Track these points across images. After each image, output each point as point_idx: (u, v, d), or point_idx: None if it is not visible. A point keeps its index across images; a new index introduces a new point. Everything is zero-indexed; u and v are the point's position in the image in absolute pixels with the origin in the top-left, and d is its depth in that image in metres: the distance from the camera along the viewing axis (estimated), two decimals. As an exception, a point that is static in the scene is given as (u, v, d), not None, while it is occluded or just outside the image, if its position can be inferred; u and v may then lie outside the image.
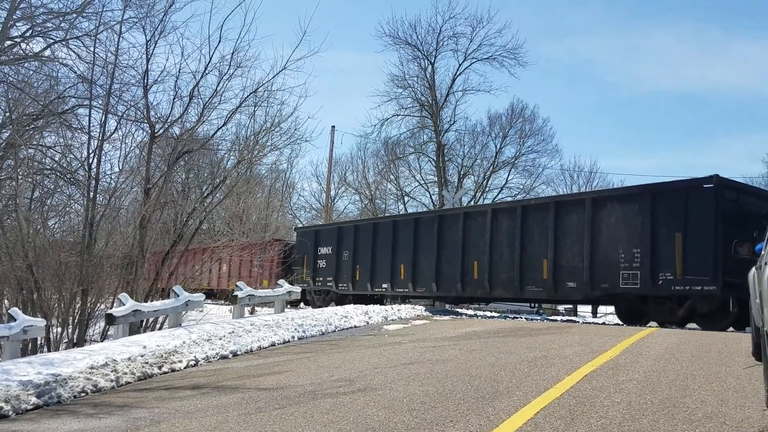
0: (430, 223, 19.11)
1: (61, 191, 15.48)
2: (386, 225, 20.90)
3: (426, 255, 18.69)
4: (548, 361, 7.82)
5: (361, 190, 43.92)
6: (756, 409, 5.28)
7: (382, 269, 20.21)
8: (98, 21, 14.19)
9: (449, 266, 17.87)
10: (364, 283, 20.86)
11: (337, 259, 21.95)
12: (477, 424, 4.98)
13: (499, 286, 16.68)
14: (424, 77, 39.16)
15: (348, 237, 21.93)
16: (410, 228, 19.52)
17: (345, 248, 21.87)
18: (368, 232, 21.18)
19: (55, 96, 15.04)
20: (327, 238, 22.91)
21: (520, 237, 16.20)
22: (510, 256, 16.39)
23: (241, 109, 16.00)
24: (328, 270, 22.41)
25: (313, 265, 22.95)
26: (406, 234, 19.58)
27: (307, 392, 6.52)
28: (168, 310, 12.48)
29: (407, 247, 19.31)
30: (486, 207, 18.75)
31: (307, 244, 23.59)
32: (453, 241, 17.88)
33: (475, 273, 17.17)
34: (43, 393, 6.82)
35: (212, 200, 17.13)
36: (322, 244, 22.95)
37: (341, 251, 22.02)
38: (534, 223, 16.06)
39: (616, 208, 14.57)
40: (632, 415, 5.13)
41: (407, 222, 20.21)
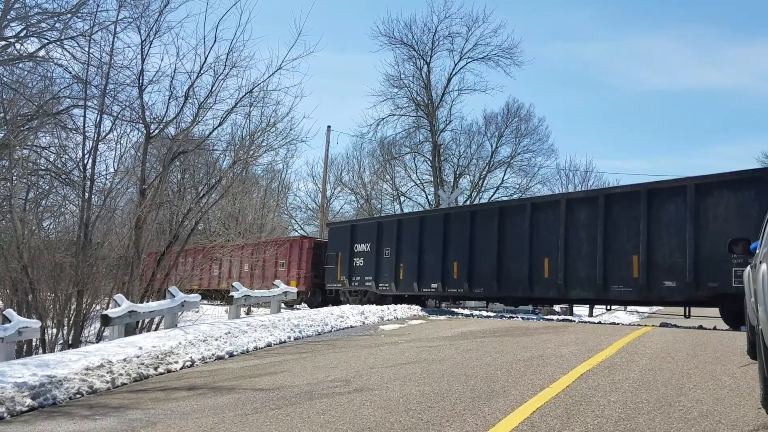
0: (490, 216, 17.37)
1: (56, 192, 15.43)
2: (435, 219, 19.14)
3: (485, 251, 16.98)
4: (544, 360, 7.82)
5: (357, 190, 43.94)
6: (751, 407, 5.30)
7: (431, 268, 18.47)
8: (93, 21, 14.15)
9: (513, 264, 16.27)
10: (410, 283, 19.14)
11: (377, 257, 20.25)
12: (473, 423, 4.98)
13: (577, 285, 14.97)
14: (420, 77, 39.20)
15: (390, 233, 20.18)
16: (465, 222, 17.79)
17: (386, 245, 20.15)
18: (414, 227, 19.40)
19: (50, 96, 14.98)
20: (365, 234, 21.13)
21: (602, 230, 14.50)
22: (590, 252, 14.73)
23: (237, 109, 16.01)
24: (366, 269, 20.71)
25: (349, 264, 21.30)
26: (460, 228, 17.86)
27: (303, 392, 6.51)
28: (164, 311, 12.47)
29: (461, 243, 17.62)
30: (559, 197, 16.53)
31: (341, 241, 21.93)
32: (518, 235, 16.25)
33: (545, 271, 15.57)
34: (38, 395, 6.80)
35: (208, 201, 17.09)
36: (360, 240, 21.18)
37: (382, 248, 20.30)
38: (620, 214, 14.30)
39: (726, 196, 12.82)
40: (628, 414, 5.14)
41: (461, 215, 18.35)
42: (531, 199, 17.14)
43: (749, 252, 6.71)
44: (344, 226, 23.05)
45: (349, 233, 21.64)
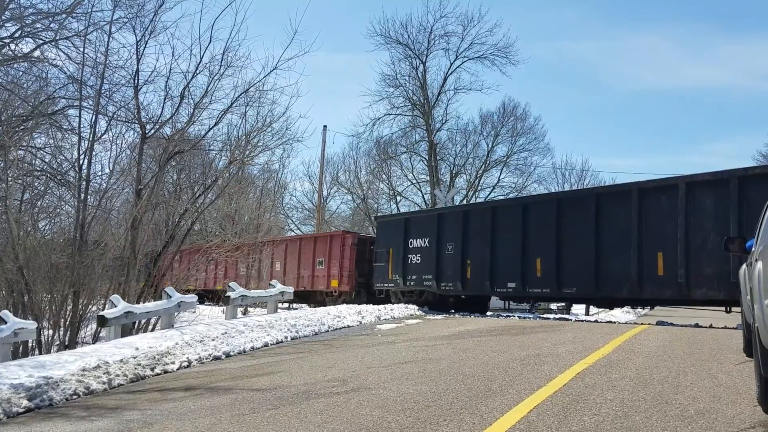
0: (583, 204, 15.32)
1: (52, 193, 15.39)
2: (511, 209, 17.13)
3: (577, 245, 14.97)
4: (541, 359, 7.83)
5: (353, 190, 43.91)
6: (748, 405, 5.31)
7: (507, 265, 16.51)
8: (88, 21, 14.13)
9: (616, 259, 14.18)
10: (480, 282, 17.24)
11: (438, 253, 18.26)
12: (470, 422, 4.98)
13: (703, 284, 12.79)
14: (416, 76, 39.24)
15: (453, 226, 18.17)
16: (550, 211, 15.80)
17: (449, 239, 18.12)
18: (484, 219, 17.40)
19: (45, 97, 14.95)
20: (422, 228, 19.16)
21: (736, 218, 12.34)
22: (721, 245, 11.68)
23: (233, 109, 16.00)
24: (424, 266, 18.74)
25: (403, 261, 19.31)
26: (544, 219, 15.86)
27: (300, 392, 6.50)
28: (160, 312, 12.44)
29: (546, 236, 15.64)
30: (677, 180, 13.87)
31: (392, 236, 19.99)
32: (620, 226, 14.16)
33: (659, 267, 13.44)
34: (34, 396, 6.78)
35: (204, 201, 17.08)
36: (415, 234, 19.25)
37: (443, 243, 18.28)
38: (759, 199, 11.00)
39: None
40: (625, 412, 5.15)
41: (545, 204, 16.34)
42: (638, 183, 14.67)
43: (745, 250, 6.72)
44: (396, 220, 21.08)
45: (402, 227, 19.73)
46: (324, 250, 23.24)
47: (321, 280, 23.11)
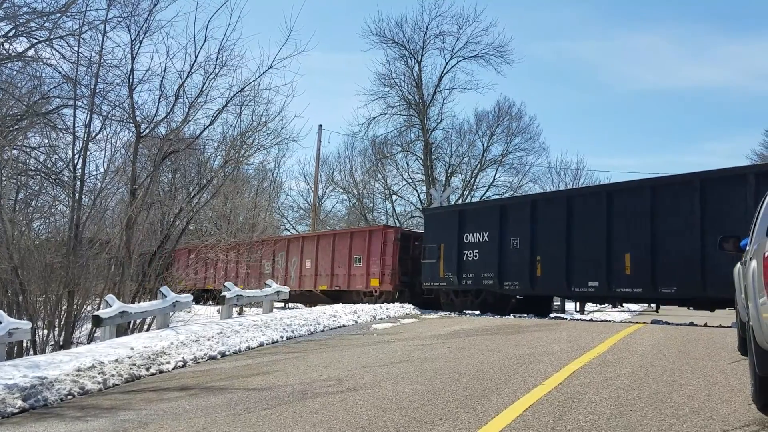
0: (685, 190, 13.45)
1: (46, 192, 15.33)
2: (592, 198, 15.27)
3: (677, 238, 13.24)
4: (536, 358, 7.84)
5: (348, 189, 43.88)
6: (742, 403, 5.33)
7: (587, 261, 14.77)
8: (82, 20, 14.06)
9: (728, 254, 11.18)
10: (553, 281, 15.61)
11: (501, 249, 16.73)
12: (466, 421, 4.99)
13: None
14: (411, 76, 39.23)
15: (519, 218, 16.59)
16: (643, 200, 13.98)
17: (513, 233, 16.56)
18: (557, 210, 15.74)
19: (40, 96, 14.89)
20: (480, 221, 17.59)
21: None
22: None
23: (228, 108, 15.99)
24: (484, 263, 17.18)
25: (457, 257, 17.79)
26: (633, 209, 14.12)
27: (296, 392, 6.50)
28: (155, 311, 12.43)
29: (637, 227, 13.94)
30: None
31: (444, 230, 18.38)
32: (735, 215, 12.13)
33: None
34: (29, 396, 6.76)
35: (199, 200, 17.06)
36: (472, 228, 17.67)
37: (506, 237, 16.72)
38: None
39: None
40: (620, 411, 5.16)
41: (635, 191, 14.36)
42: (755, 167, 12.79)
43: (740, 249, 6.75)
44: (448, 212, 19.33)
45: (457, 220, 18.13)
46: (362, 246, 21.26)
47: (359, 279, 21.24)
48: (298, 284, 23.33)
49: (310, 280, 23.09)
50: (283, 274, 23.97)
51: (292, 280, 23.67)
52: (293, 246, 24.41)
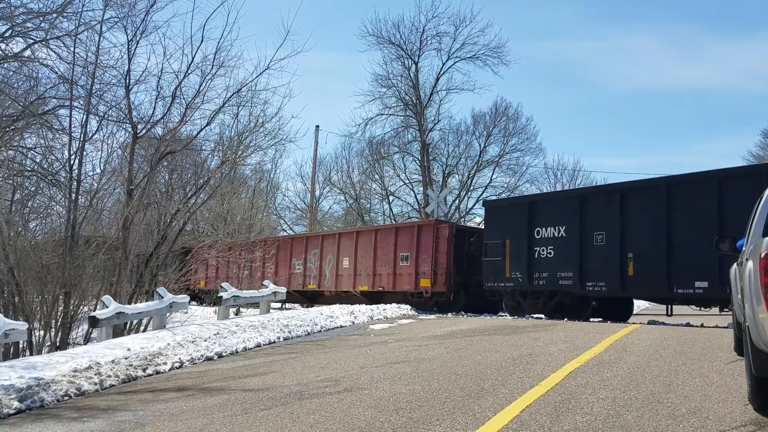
0: None
1: (43, 193, 15.31)
2: (698, 188, 13.59)
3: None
4: (533, 358, 7.85)
5: (345, 190, 43.87)
6: (738, 403, 5.34)
7: (692, 258, 13.07)
8: (78, 21, 14.02)
9: None
10: (649, 281, 14.04)
11: (582, 245, 15.20)
12: (463, 422, 4.99)
13: None
14: (408, 76, 39.25)
15: (604, 209, 14.93)
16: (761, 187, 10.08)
17: (597, 226, 14.84)
18: (655, 201, 14.13)
19: (36, 97, 14.85)
20: (555, 213, 16.06)
21: None
22: None
23: (225, 109, 15.97)
24: (560, 261, 15.66)
25: (527, 255, 16.29)
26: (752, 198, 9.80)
27: (293, 393, 6.50)
28: (152, 312, 12.41)
29: None
30: None
31: (510, 224, 16.86)
32: None
33: None
34: (25, 397, 6.75)
35: (196, 201, 17.02)
36: (545, 221, 16.13)
37: (588, 231, 15.06)
38: None
39: None
40: (617, 411, 5.17)
41: (753, 177, 12.69)
42: None
43: (736, 249, 6.77)
44: (515, 204, 17.85)
45: (526, 213, 16.59)
46: (409, 243, 19.49)
47: (406, 278, 19.44)
48: (334, 284, 21.77)
49: (348, 280, 21.36)
50: (317, 274, 22.45)
51: (327, 281, 22.17)
52: (328, 243, 22.59)
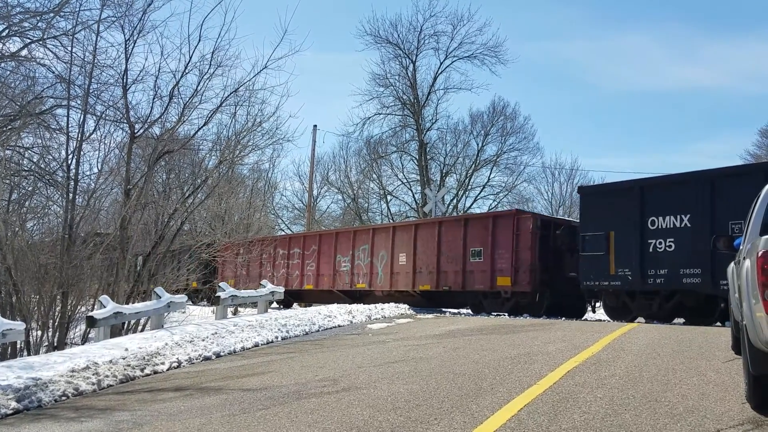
0: None
1: (40, 193, 15.29)
2: None
3: None
4: (531, 357, 7.86)
5: (343, 190, 43.87)
6: (736, 402, 5.35)
7: None
8: (76, 20, 14.04)
9: None
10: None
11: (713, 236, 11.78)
12: (461, 421, 4.99)
13: None
14: (406, 76, 39.26)
15: (741, 193, 12.13)
16: None
17: (733, 214, 12.44)
18: None
19: (33, 96, 14.84)
20: (675, 200, 13.86)
21: None
22: None
23: (222, 108, 15.97)
24: (684, 255, 13.54)
25: (639, 248, 14.16)
26: None
27: (291, 392, 6.50)
28: (150, 312, 12.40)
29: None
30: None
31: (615, 213, 14.70)
32: None
33: None
34: (23, 397, 6.74)
35: (194, 201, 17.02)
36: (661, 209, 13.99)
37: (722, 221, 12.89)
38: None
39: None
40: (615, 410, 5.17)
41: None
42: None
43: (733, 248, 6.78)
44: (623, 189, 15.23)
45: (637, 199, 14.41)
46: (483, 236, 17.26)
47: (478, 276, 17.22)
48: (388, 284, 19.49)
49: (406, 279, 19.10)
50: (367, 272, 20.16)
51: (379, 279, 19.84)
52: (381, 237, 20.21)
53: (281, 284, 20.90)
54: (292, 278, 22.74)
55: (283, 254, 23.26)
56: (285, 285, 21.19)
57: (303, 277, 22.38)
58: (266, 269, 23.29)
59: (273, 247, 23.22)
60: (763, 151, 40.65)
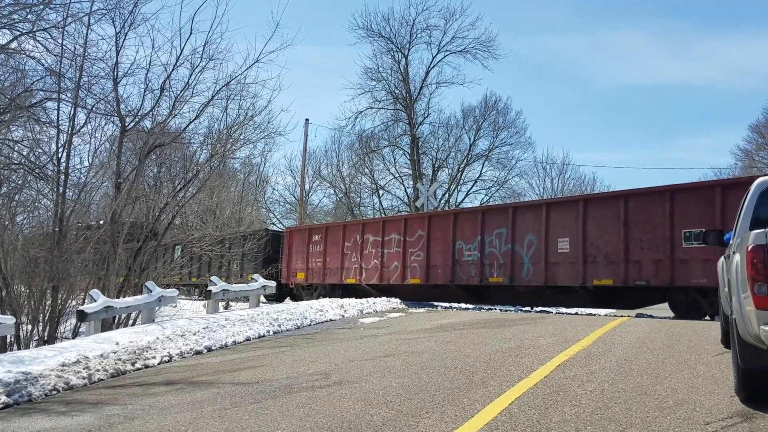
0: None
1: (30, 186, 15.19)
2: None
3: None
4: (522, 351, 7.88)
5: (335, 184, 43.83)
6: (725, 395, 5.39)
7: None
8: (66, 12, 13.90)
9: None
10: None
11: None
12: (452, 414, 5.01)
13: None
14: (398, 70, 39.22)
15: None
16: None
17: None
18: None
19: (23, 89, 14.72)
20: None
21: None
22: None
23: (214, 102, 15.91)
24: None
25: None
26: None
27: (282, 386, 6.50)
28: (141, 306, 12.36)
29: None
30: None
31: None
32: None
33: None
34: (13, 391, 6.71)
35: (185, 194, 16.95)
36: None
37: None
38: None
39: None
40: (605, 403, 5.20)
41: None
42: None
43: (723, 243, 6.82)
44: None
45: None
46: (703, 212, 13.00)
47: (698, 267, 12.90)
48: (543, 275, 15.45)
49: (570, 270, 15.06)
50: (504, 262, 16.26)
51: (526, 271, 15.96)
52: (524, 218, 16.20)
53: (373, 278, 18.87)
54: (388, 270, 18.94)
55: (375, 241, 19.31)
56: (379, 279, 18.82)
57: (405, 270, 18.54)
58: (351, 259, 19.70)
59: (360, 232, 19.63)
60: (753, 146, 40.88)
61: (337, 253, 20.23)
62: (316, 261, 20.85)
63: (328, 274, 20.47)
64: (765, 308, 4.48)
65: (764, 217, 5.56)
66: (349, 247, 19.94)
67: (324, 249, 20.45)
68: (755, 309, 4.52)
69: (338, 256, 20.17)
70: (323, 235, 20.73)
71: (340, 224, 21.19)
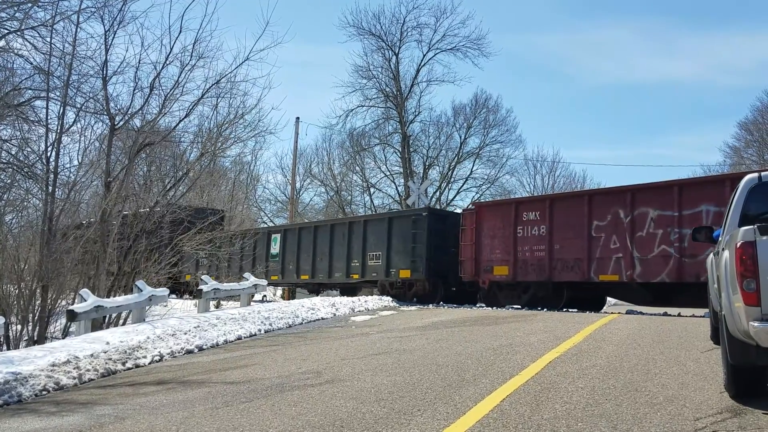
0: None
1: (19, 185, 15.07)
2: None
3: None
4: (513, 348, 7.91)
5: (326, 182, 43.72)
6: (715, 391, 5.42)
7: None
8: (54, 11, 13.78)
9: None
10: None
11: None
12: (444, 412, 5.02)
13: None
14: (389, 68, 39.13)
15: None
16: None
17: None
18: None
19: (11, 88, 14.61)
20: None
21: None
22: None
23: (204, 100, 15.83)
24: None
25: None
26: None
27: (274, 385, 6.49)
28: (131, 306, 12.30)
29: None
30: None
31: None
32: None
33: None
34: (2, 392, 6.67)
35: (175, 193, 16.87)
36: None
37: None
38: None
39: None
40: (596, 400, 5.22)
41: None
42: None
43: (712, 239, 6.86)
44: None
45: None
46: None
47: None
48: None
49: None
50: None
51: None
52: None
53: (661, 272, 13.39)
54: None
55: (661, 218, 13.64)
56: (677, 274, 13.22)
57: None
58: (608, 245, 14.31)
59: (625, 205, 14.14)
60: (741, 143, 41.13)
61: (574, 237, 14.94)
62: (533, 249, 15.73)
63: (558, 268, 15.16)
64: (753, 304, 4.52)
65: (753, 213, 5.60)
66: (605, 226, 14.50)
67: (550, 231, 15.36)
68: (744, 305, 4.55)
69: (578, 241, 14.83)
70: (544, 212, 15.46)
71: (584, 194, 15.87)
